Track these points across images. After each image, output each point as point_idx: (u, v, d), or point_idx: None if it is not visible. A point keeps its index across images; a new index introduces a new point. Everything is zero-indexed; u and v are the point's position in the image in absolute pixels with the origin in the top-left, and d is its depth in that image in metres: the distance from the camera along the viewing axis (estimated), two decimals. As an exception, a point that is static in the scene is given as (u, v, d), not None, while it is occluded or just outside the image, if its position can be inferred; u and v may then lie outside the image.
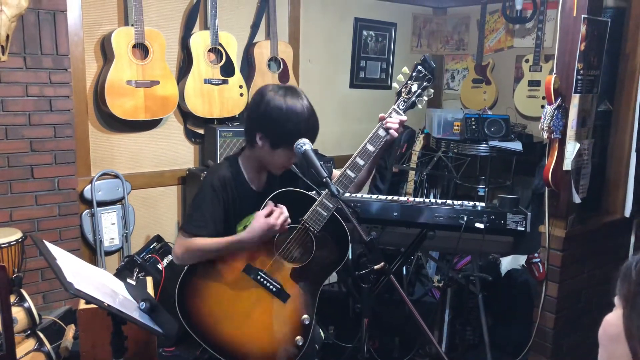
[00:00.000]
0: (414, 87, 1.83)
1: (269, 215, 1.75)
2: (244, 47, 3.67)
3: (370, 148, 1.81)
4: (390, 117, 1.81)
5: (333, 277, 2.57)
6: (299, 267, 1.85)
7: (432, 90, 1.88)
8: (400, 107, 1.84)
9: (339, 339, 2.97)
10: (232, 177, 1.85)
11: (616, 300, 0.83)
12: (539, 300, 2.77)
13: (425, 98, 1.87)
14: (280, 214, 1.75)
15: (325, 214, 1.79)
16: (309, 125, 1.80)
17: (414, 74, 1.85)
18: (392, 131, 1.80)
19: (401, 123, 1.82)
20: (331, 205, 1.78)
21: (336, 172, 2.08)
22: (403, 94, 1.85)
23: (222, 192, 1.82)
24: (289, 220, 1.78)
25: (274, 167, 1.86)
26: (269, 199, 1.81)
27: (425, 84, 1.84)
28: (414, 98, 1.84)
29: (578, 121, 2.53)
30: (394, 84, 1.88)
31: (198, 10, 3.42)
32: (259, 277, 1.83)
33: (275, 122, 1.76)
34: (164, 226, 3.52)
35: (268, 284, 1.83)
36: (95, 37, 3.12)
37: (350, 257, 1.94)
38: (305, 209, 1.81)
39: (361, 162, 1.81)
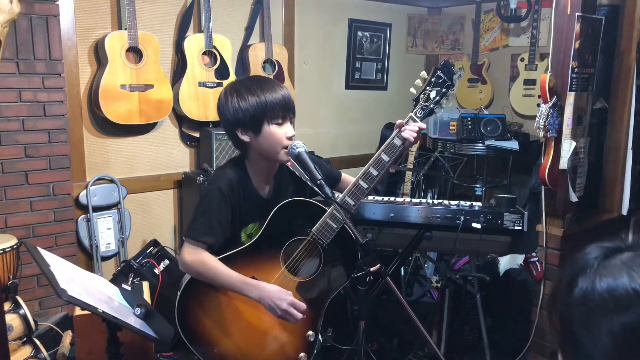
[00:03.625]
0: (433, 94, 1.73)
1: (292, 304, 1.69)
2: (239, 49, 3.66)
3: (385, 158, 1.73)
4: (408, 125, 1.73)
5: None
6: (305, 281, 1.78)
7: (451, 97, 1.79)
8: (418, 114, 1.74)
9: (337, 342, 2.96)
10: (240, 180, 1.79)
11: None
12: (538, 300, 2.77)
13: (444, 105, 1.77)
14: (299, 313, 1.70)
15: (335, 226, 1.72)
16: (267, 89, 1.73)
17: (432, 79, 1.75)
18: (410, 138, 1.71)
19: (419, 131, 1.73)
20: (341, 217, 1.68)
21: (345, 176, 2.04)
22: (421, 101, 1.75)
23: (230, 195, 1.76)
24: (299, 319, 1.71)
25: (275, 151, 1.75)
26: (277, 208, 1.75)
27: (444, 90, 1.74)
28: (432, 105, 1.74)
29: (574, 119, 2.52)
30: (411, 90, 1.77)
31: (192, 13, 3.41)
32: None
33: (238, 108, 1.71)
34: (160, 230, 3.51)
35: None
36: (88, 41, 3.11)
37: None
38: (314, 220, 1.74)
39: (375, 173, 1.73)
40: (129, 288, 2.35)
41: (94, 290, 1.69)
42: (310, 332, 1.80)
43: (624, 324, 0.71)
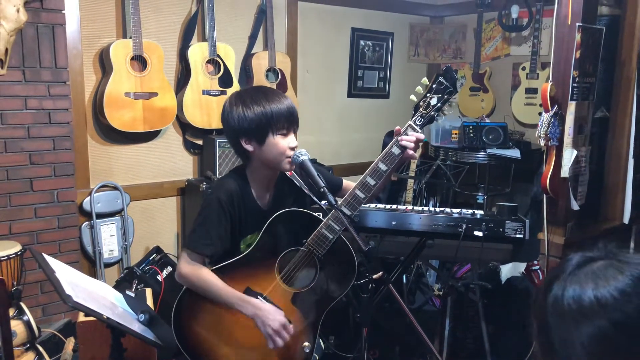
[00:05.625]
0: (434, 101, 1.67)
1: (283, 326, 1.70)
2: (242, 58, 3.69)
3: (383, 167, 1.68)
4: (406, 134, 1.68)
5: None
6: (300, 293, 1.77)
7: (453, 103, 1.72)
8: (417, 122, 1.68)
9: (339, 349, 2.96)
10: (240, 191, 1.77)
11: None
12: (539, 308, 2.76)
13: (446, 112, 1.70)
14: (287, 336, 1.70)
15: (331, 236, 1.70)
16: (272, 100, 1.72)
17: (434, 86, 1.68)
18: (409, 151, 1.67)
19: (417, 141, 1.68)
20: (337, 228, 1.68)
21: (347, 182, 2.03)
22: (421, 109, 1.68)
23: (229, 207, 1.74)
24: (280, 342, 1.71)
25: (278, 160, 1.74)
26: (273, 218, 1.75)
27: (446, 97, 1.67)
28: (432, 112, 1.67)
29: (575, 128, 2.54)
30: (412, 97, 1.70)
31: (196, 22, 3.44)
32: None
33: (244, 118, 1.70)
34: (163, 237, 3.52)
35: None
36: (93, 49, 3.14)
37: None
38: (310, 231, 1.72)
39: (372, 182, 1.69)
40: (133, 294, 2.36)
41: (98, 296, 1.70)
42: (305, 344, 1.78)
43: (590, 334, 0.71)
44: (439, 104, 1.67)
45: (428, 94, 1.68)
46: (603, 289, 0.72)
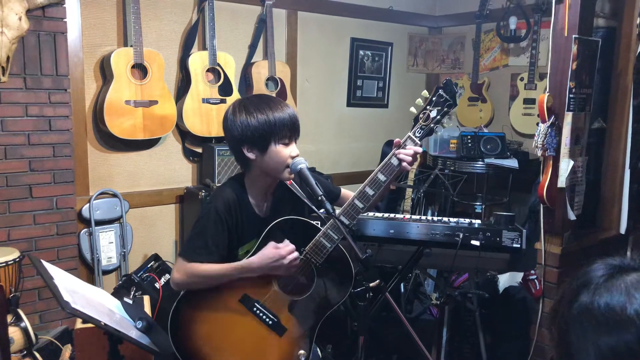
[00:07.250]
0: (433, 113, 1.69)
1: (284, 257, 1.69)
2: (242, 66, 3.71)
3: (382, 177, 1.71)
4: (405, 145, 1.71)
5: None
6: (297, 300, 1.78)
7: (453, 116, 1.74)
8: (417, 134, 1.71)
9: (336, 358, 2.96)
10: (237, 200, 1.78)
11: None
12: (536, 317, 2.77)
13: (445, 125, 1.73)
14: (292, 250, 1.70)
15: (329, 245, 1.71)
16: (275, 109, 1.72)
17: (434, 98, 1.70)
18: (404, 163, 1.70)
19: (415, 154, 1.71)
20: (335, 237, 1.70)
21: (345, 192, 2.04)
22: (420, 121, 1.71)
23: (226, 216, 1.75)
24: (298, 260, 1.71)
25: (279, 169, 1.75)
26: (271, 226, 1.75)
27: (445, 109, 1.69)
28: (432, 125, 1.70)
29: (571, 139, 2.56)
30: (412, 109, 1.73)
31: (197, 31, 3.47)
32: (254, 308, 1.76)
33: (247, 126, 1.71)
34: (162, 245, 3.53)
35: (264, 316, 1.76)
36: (94, 57, 3.16)
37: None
38: (308, 239, 1.73)
39: (371, 192, 1.70)
40: (130, 302, 2.36)
41: (96, 303, 1.71)
42: (301, 352, 1.78)
43: (611, 346, 0.71)
44: (438, 117, 1.70)
45: (428, 107, 1.71)
46: (636, 304, 0.72)
